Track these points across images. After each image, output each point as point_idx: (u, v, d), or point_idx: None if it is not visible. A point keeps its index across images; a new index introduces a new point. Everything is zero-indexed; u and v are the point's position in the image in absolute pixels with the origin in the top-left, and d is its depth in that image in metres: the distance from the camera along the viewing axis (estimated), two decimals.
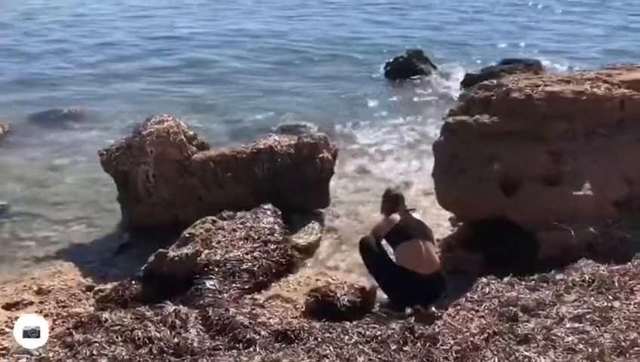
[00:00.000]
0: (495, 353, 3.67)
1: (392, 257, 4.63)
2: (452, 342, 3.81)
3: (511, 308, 4.14)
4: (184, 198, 6.46)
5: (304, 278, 5.50)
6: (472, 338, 3.83)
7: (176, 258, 5.15)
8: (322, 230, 6.43)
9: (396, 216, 4.64)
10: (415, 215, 4.87)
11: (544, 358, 3.52)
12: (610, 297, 4.13)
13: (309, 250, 6.09)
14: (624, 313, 3.93)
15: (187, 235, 5.51)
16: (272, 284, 5.32)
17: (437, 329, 3.92)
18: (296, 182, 6.57)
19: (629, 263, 4.58)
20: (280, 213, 6.15)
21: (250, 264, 5.30)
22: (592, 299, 4.13)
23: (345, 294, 4.65)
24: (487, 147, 5.48)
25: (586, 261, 4.69)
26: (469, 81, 12.86)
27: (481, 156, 5.48)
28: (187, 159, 6.50)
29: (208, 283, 4.98)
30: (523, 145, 5.41)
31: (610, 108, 5.44)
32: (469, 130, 5.59)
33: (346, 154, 8.38)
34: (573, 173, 5.23)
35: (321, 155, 6.71)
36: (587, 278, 4.36)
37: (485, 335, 3.87)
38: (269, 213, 6.12)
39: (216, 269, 5.15)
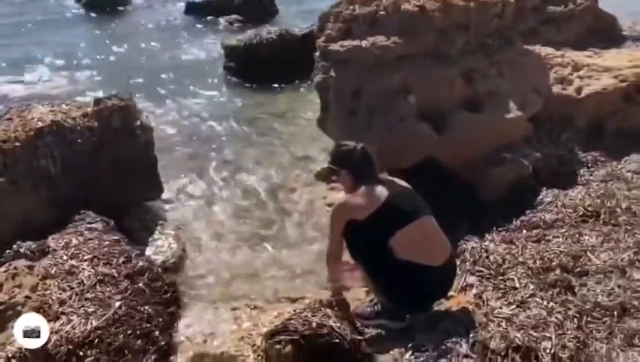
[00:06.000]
0: None
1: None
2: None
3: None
4: None
5: (211, 311, 3.58)
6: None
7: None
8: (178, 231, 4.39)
9: (379, 189, 3.06)
10: (396, 180, 3.31)
11: None
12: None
13: (178, 266, 4.07)
14: None
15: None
16: (175, 340, 3.29)
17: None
18: (112, 169, 4.30)
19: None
20: (113, 222, 3.95)
21: (135, 321, 3.14)
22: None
23: (336, 323, 3.02)
24: (394, 76, 4.30)
25: (550, 191, 4.09)
26: (193, 7, 11.10)
27: (391, 88, 4.27)
28: None
29: None
30: (431, 69, 4.40)
31: (493, 16, 4.79)
32: (367, 58, 4.28)
33: None
34: (489, 94, 4.47)
35: (138, 122, 4.50)
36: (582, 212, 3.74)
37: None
38: (100, 226, 3.85)
39: (90, 352, 2.90)
